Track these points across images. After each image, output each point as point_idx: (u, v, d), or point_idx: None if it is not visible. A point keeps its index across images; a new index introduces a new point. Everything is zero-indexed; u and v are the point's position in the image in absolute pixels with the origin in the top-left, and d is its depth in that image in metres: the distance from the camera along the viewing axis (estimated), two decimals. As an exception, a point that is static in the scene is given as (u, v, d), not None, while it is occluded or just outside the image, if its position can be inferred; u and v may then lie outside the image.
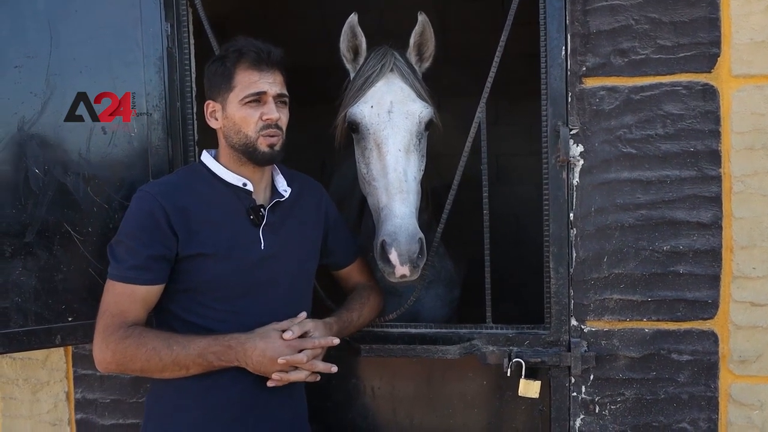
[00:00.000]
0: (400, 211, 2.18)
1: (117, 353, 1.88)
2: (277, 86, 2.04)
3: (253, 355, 1.89)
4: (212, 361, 1.90)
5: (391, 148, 2.28)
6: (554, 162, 2.23)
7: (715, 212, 2.18)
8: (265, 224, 2.06)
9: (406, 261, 2.12)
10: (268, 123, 2.00)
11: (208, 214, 2.01)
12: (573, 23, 2.20)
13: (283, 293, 2.06)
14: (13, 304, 2.13)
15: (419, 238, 2.16)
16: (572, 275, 2.26)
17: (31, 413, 2.59)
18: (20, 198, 2.14)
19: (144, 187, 2.04)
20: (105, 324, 1.91)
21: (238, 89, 2.01)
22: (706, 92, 2.16)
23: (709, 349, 2.22)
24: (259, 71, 2.01)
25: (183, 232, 1.95)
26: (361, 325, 2.27)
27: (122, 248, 1.95)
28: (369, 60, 2.42)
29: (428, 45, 2.47)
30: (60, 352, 2.55)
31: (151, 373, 1.92)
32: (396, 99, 2.34)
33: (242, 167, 2.07)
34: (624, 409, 2.27)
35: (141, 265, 1.92)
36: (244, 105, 2.01)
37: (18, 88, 2.14)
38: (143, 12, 2.30)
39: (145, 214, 1.95)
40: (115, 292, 1.93)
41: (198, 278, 1.98)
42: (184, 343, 1.89)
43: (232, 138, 2.04)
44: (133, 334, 1.88)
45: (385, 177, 2.26)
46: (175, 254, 1.96)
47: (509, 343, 2.30)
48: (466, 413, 2.43)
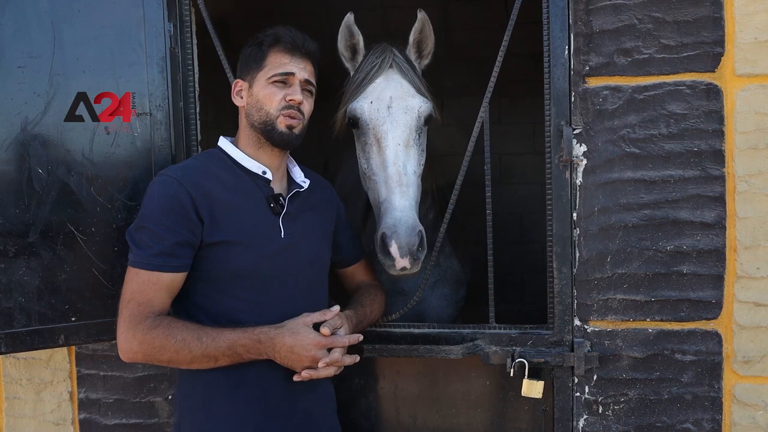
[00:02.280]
0: (400, 204, 2.19)
1: (144, 344, 1.85)
2: (306, 73, 2.07)
3: (281, 350, 1.89)
4: (241, 353, 1.89)
5: (391, 143, 2.30)
6: (557, 162, 2.23)
7: (718, 212, 2.17)
8: (284, 213, 2.06)
9: (406, 253, 2.13)
10: (290, 104, 2.03)
11: (231, 200, 1.99)
12: (576, 23, 2.20)
13: (302, 283, 2.06)
14: (16, 304, 2.14)
15: (419, 231, 2.17)
16: (575, 275, 2.25)
17: (34, 413, 2.60)
18: (24, 198, 2.14)
19: (165, 171, 2.02)
20: (131, 313, 1.87)
21: (267, 68, 2.05)
22: (710, 92, 2.15)
23: (713, 349, 2.21)
24: (291, 55, 2.05)
25: (207, 218, 1.93)
26: (372, 321, 2.27)
27: (145, 234, 1.92)
28: (368, 57, 2.45)
29: (427, 42, 2.50)
30: (63, 351, 2.55)
31: (179, 363, 1.90)
32: (395, 94, 2.36)
33: (260, 151, 2.08)
34: (627, 410, 2.26)
35: (167, 252, 1.89)
36: (270, 83, 2.04)
37: (21, 88, 2.14)
38: (146, 12, 2.31)
39: (169, 198, 1.92)
40: (139, 280, 1.90)
41: (220, 266, 1.96)
42: (214, 335, 1.87)
43: (253, 116, 2.05)
44: (161, 325, 1.86)
45: (384, 171, 2.28)
46: (200, 241, 1.93)
47: (512, 343, 2.30)
48: (470, 413, 2.43)
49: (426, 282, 2.41)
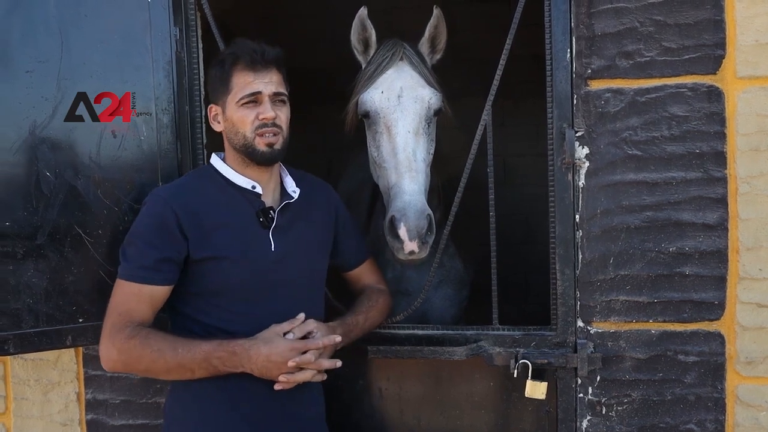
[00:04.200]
0: (410, 188, 2.26)
1: (122, 352, 1.90)
2: (273, 85, 2.05)
3: (257, 360, 1.90)
4: (217, 366, 1.91)
5: (401, 130, 2.36)
6: (560, 164, 2.24)
7: (720, 213, 2.18)
8: (275, 226, 2.08)
9: (415, 236, 2.18)
10: (264, 122, 2.03)
11: (219, 217, 2.03)
12: (578, 26, 2.21)
13: (295, 294, 2.08)
14: (24, 306, 2.16)
15: (427, 215, 2.22)
16: (578, 276, 2.26)
17: (42, 413, 2.62)
18: (32, 200, 2.16)
19: (155, 191, 2.08)
20: (112, 322, 1.94)
21: (235, 91, 2.04)
22: (712, 94, 2.16)
23: (716, 350, 2.22)
24: (254, 72, 2.03)
25: (194, 235, 1.98)
26: (369, 328, 2.28)
27: (133, 249, 1.98)
28: (380, 50, 2.52)
29: (441, 38, 2.58)
30: (71, 352, 2.57)
31: (157, 374, 1.94)
32: (406, 85, 2.42)
33: (247, 168, 2.10)
34: (631, 410, 2.27)
35: (150, 266, 1.95)
36: (241, 106, 2.04)
37: (30, 92, 2.16)
38: (152, 16, 2.32)
39: (155, 217, 1.99)
40: (123, 291, 1.96)
41: (210, 281, 2.00)
42: (189, 346, 1.90)
43: (232, 139, 2.07)
44: (139, 335, 1.90)
45: (394, 157, 2.34)
46: (184, 257, 1.98)
47: (516, 345, 2.31)
48: (473, 414, 2.44)
49: (430, 283, 2.42)
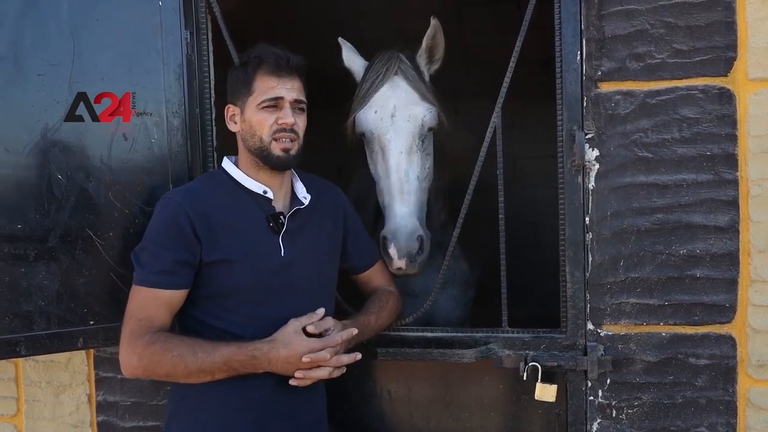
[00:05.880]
0: (400, 212, 2.36)
1: (143, 359, 1.90)
2: (295, 92, 2.07)
3: (278, 363, 1.93)
4: (237, 368, 1.92)
5: (394, 151, 2.39)
6: (570, 166, 2.24)
7: (732, 216, 2.17)
8: (284, 231, 2.08)
9: (404, 256, 2.30)
10: (282, 127, 2.04)
11: (230, 220, 2.04)
12: (588, 28, 2.21)
13: (304, 299, 2.08)
14: (36, 308, 2.17)
15: (418, 236, 2.32)
16: (588, 279, 2.26)
17: (53, 415, 2.63)
18: (43, 203, 2.17)
19: (168, 194, 2.09)
20: (131, 329, 1.93)
21: (256, 94, 2.05)
22: (723, 96, 2.15)
23: (727, 353, 2.21)
24: (278, 77, 2.05)
25: (206, 238, 1.98)
26: (379, 328, 2.29)
27: (147, 254, 1.98)
28: (374, 64, 2.51)
29: (438, 48, 2.57)
30: (82, 354, 2.59)
31: (177, 378, 1.94)
32: (399, 103, 2.43)
33: (260, 172, 2.10)
34: (641, 414, 2.26)
35: (166, 270, 1.95)
36: (261, 109, 2.04)
37: (41, 95, 2.18)
38: (163, 20, 2.33)
39: (169, 221, 1.99)
40: (140, 297, 1.96)
41: (220, 284, 2.01)
42: (210, 350, 1.90)
43: (248, 141, 2.08)
44: (159, 340, 1.90)
45: (388, 178, 2.41)
46: (199, 260, 1.99)
47: (525, 347, 2.31)
48: (483, 417, 2.43)
49: (438, 287, 2.42)
